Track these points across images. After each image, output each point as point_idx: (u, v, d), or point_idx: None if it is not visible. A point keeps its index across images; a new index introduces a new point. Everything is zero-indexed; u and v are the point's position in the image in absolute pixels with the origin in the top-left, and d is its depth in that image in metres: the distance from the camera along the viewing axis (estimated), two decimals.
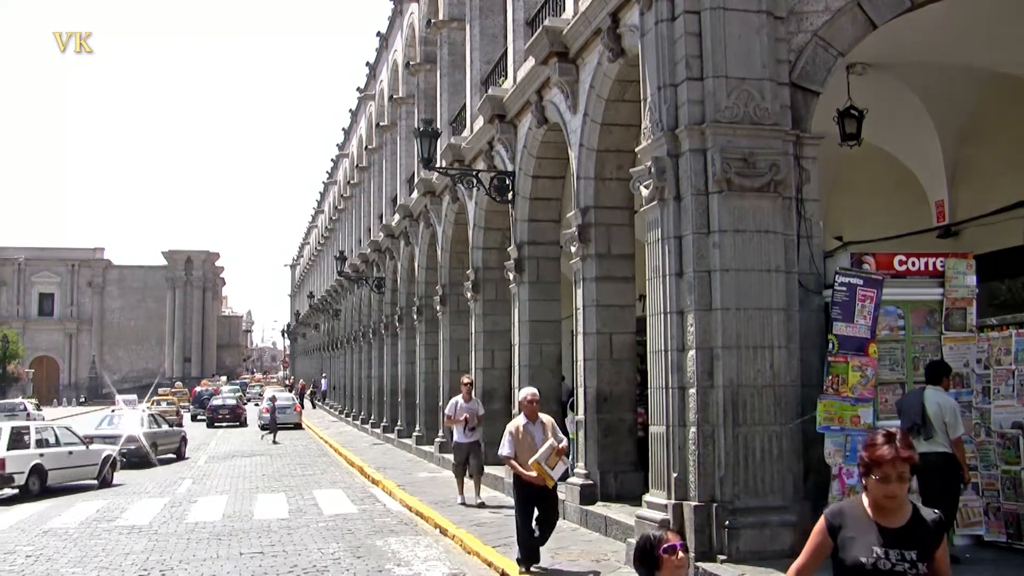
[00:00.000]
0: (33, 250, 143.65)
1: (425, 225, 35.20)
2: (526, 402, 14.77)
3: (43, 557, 17.23)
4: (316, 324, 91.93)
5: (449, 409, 23.30)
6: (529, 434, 14.34)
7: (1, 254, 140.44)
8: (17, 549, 18.15)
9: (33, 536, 19.71)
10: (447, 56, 32.53)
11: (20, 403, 67.43)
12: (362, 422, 52.22)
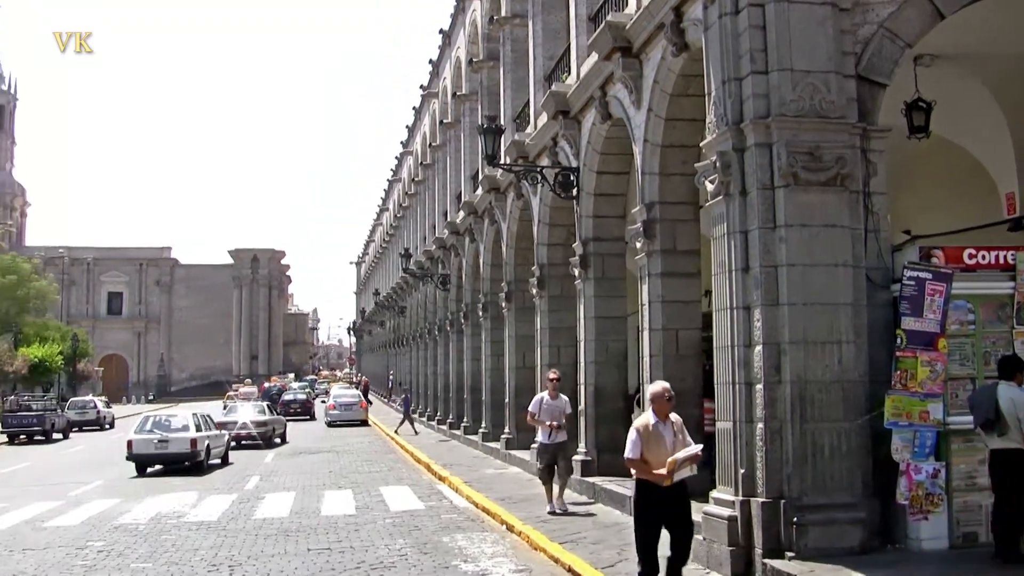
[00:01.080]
0: (102, 250, 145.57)
1: (490, 222, 35.22)
2: (661, 398, 12.48)
3: (114, 552, 17.46)
4: (382, 321, 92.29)
5: (533, 407, 20.92)
6: (659, 434, 12.27)
7: (71, 254, 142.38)
8: (89, 544, 18.41)
9: (104, 532, 19.97)
10: (510, 52, 32.53)
11: (90, 400, 68.30)
12: (428, 419, 52.37)
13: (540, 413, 20.55)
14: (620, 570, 14.15)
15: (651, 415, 12.37)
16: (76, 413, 62.66)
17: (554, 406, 20.61)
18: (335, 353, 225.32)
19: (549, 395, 20.76)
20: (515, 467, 29.09)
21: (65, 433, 56.59)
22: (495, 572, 14.83)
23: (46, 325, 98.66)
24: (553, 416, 20.42)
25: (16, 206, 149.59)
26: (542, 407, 20.61)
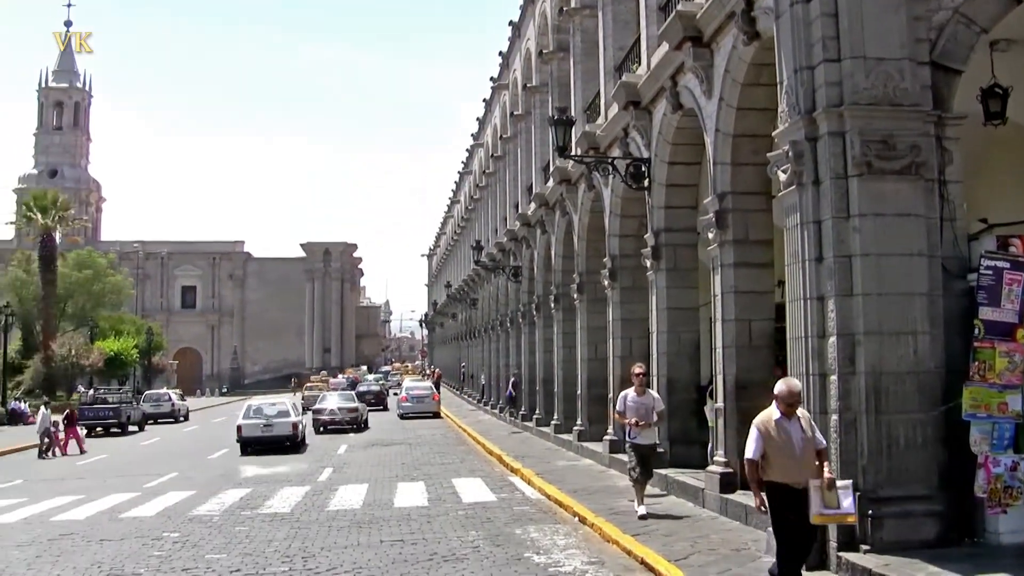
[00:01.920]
0: (176, 244, 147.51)
1: (561, 213, 35.20)
2: (788, 393, 11.57)
3: (189, 543, 17.69)
4: (453, 313, 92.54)
5: (619, 404, 19.18)
6: (784, 432, 11.41)
7: (145, 248, 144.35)
8: (164, 535, 18.67)
9: (179, 523, 20.24)
10: (580, 44, 32.45)
11: (165, 393, 69.18)
12: (500, 411, 52.42)
13: (626, 411, 18.79)
14: (693, 563, 14.09)
15: (775, 410, 11.64)
16: (151, 406, 63.52)
17: (641, 403, 18.77)
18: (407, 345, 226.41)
19: (635, 391, 18.94)
20: (587, 459, 29.06)
21: (140, 425, 57.43)
22: (567, 564, 14.83)
23: (121, 319, 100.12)
24: (639, 414, 18.57)
25: (92, 202, 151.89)
26: (627, 404, 18.84)
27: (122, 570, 15.54)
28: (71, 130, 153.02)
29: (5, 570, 16.04)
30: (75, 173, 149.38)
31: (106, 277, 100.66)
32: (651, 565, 14.14)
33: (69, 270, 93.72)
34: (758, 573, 13.22)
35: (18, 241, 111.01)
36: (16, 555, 17.39)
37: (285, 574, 14.81)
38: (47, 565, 16.25)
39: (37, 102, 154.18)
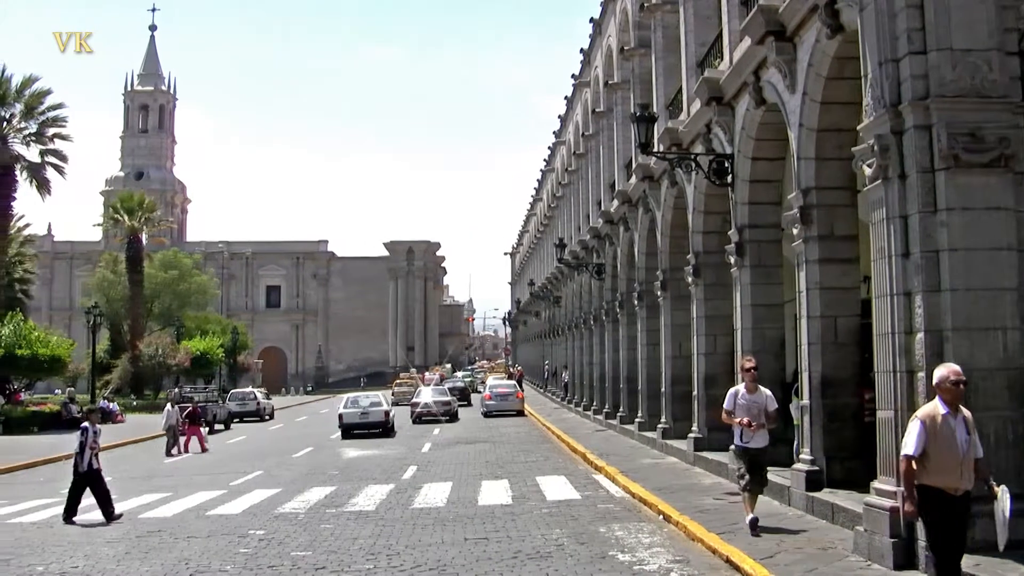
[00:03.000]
0: (260, 244, 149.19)
1: (644, 210, 35.08)
2: (948, 383, 10.64)
3: (275, 541, 17.87)
4: (537, 311, 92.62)
5: (727, 403, 17.44)
6: (949, 430, 10.46)
7: (230, 249, 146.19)
8: (250, 533, 18.89)
9: (265, 520, 20.47)
10: (661, 39, 32.31)
11: (251, 392, 70.03)
12: (584, 408, 52.40)
13: (736, 410, 17.15)
14: (779, 561, 13.97)
15: (939, 404, 10.62)
16: (237, 404, 64.28)
17: (752, 402, 17.11)
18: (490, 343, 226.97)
19: (746, 388, 17.29)
20: (672, 457, 28.95)
21: (226, 424, 58.17)
22: (652, 562, 14.78)
23: (207, 318, 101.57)
24: (751, 414, 16.95)
25: (177, 203, 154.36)
26: (737, 402, 17.19)
27: (208, 567, 15.75)
28: (156, 132, 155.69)
29: (95, 566, 16.33)
30: (160, 175, 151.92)
31: (192, 277, 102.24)
32: (736, 564, 14.06)
33: (155, 271, 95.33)
34: (845, 573, 13.09)
35: (106, 243, 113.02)
36: (106, 551, 17.70)
37: (370, 572, 14.91)
38: (135, 562, 16.52)
39: (123, 105, 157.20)
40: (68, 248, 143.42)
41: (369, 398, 49.58)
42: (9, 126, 64.16)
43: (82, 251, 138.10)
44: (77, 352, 70.45)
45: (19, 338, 58.46)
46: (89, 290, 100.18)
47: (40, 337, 60.96)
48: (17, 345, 57.90)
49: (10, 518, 23.09)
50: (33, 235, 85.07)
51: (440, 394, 58.69)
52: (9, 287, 69.86)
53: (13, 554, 17.83)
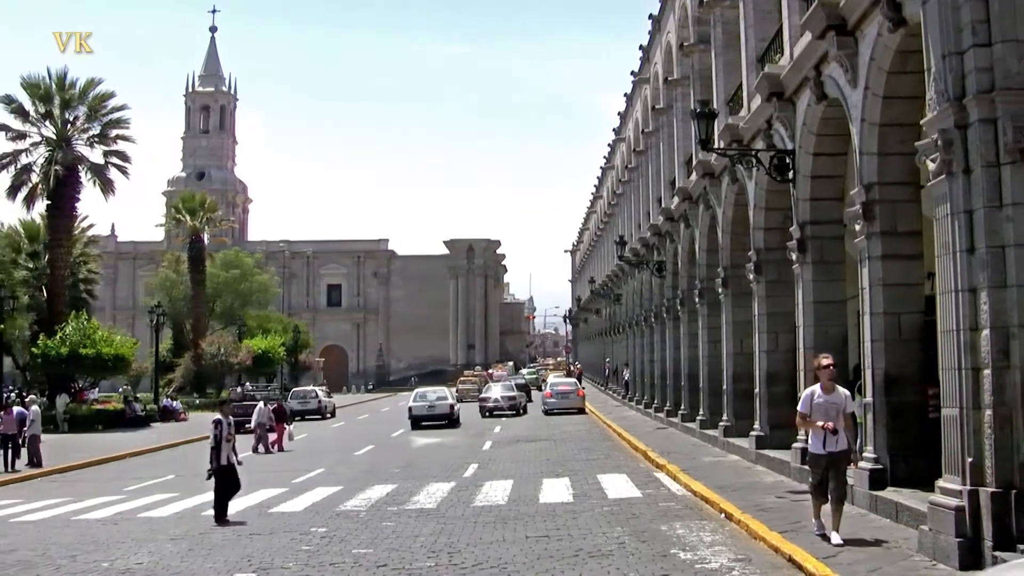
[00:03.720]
0: (321, 243, 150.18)
1: (704, 207, 34.92)
2: None
3: (336, 538, 17.98)
4: (597, 309, 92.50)
5: (803, 405, 16.01)
6: None
7: (291, 248, 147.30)
8: (312, 530, 19.04)
9: (327, 518, 20.61)
10: (721, 35, 32.14)
11: (312, 390, 70.46)
12: (645, 406, 52.30)
13: (812, 412, 15.72)
14: (842, 560, 13.84)
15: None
16: (298, 403, 64.64)
17: (830, 403, 15.63)
18: (551, 341, 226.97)
19: (822, 388, 15.81)
20: (733, 455, 28.81)
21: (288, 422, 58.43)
22: (713, 561, 14.71)
23: (268, 317, 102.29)
24: (829, 416, 15.50)
25: (238, 203, 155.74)
26: (814, 403, 15.73)
27: (271, 563, 15.87)
28: (217, 133, 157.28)
29: (159, 563, 16.53)
30: (222, 175, 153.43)
31: (253, 276, 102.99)
32: (799, 563, 13.94)
33: (217, 270, 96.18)
34: (909, 573, 12.94)
35: (168, 243, 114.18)
36: (170, 548, 17.90)
37: (431, 569, 14.97)
38: (199, 559, 16.69)
39: (184, 106, 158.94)
40: (131, 248, 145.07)
41: (436, 393, 55.38)
42: (73, 128, 65.02)
43: (145, 251, 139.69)
44: (140, 351, 71.19)
45: (83, 337, 59.18)
46: (152, 290, 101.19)
47: (104, 336, 61.67)
48: (82, 344, 58.63)
49: (76, 515, 23.40)
50: (97, 236, 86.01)
51: (508, 389, 62.02)
52: (74, 287, 70.67)
53: (79, 550, 18.09)
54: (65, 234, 65.69)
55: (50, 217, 66.10)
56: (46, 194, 64.32)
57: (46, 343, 59.13)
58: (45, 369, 61.28)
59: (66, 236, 65.91)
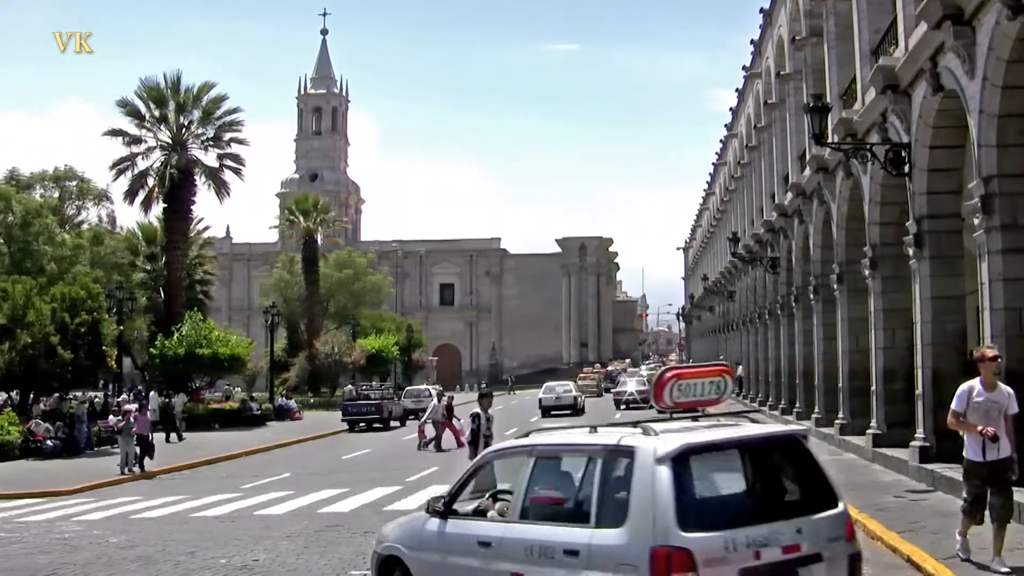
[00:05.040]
0: (433, 242, 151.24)
1: (818, 203, 34.49)
2: None
3: None
4: (710, 306, 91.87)
5: (957, 403, 13.31)
6: None
7: (403, 248, 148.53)
8: None
9: None
10: (833, 28, 31.71)
11: (425, 389, 70.82)
12: (759, 404, 51.79)
13: (968, 411, 13.18)
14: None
15: None
16: (412, 401, 65.04)
17: (991, 402, 13.10)
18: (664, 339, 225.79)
19: (983, 383, 13.17)
20: (849, 453, 28.42)
21: (402, 421, 59.07)
22: None
23: (381, 317, 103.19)
24: (990, 418, 12.97)
25: (351, 203, 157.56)
26: (971, 402, 13.18)
27: None
28: (329, 135, 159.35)
29: (276, 559, 16.79)
30: (334, 176, 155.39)
31: (366, 276, 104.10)
32: (918, 563, 13.71)
33: (330, 270, 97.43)
34: None
35: (282, 244, 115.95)
36: (285, 545, 18.17)
37: None
38: (315, 556, 16.91)
39: (297, 109, 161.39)
40: (246, 250, 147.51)
41: (562, 386, 68.07)
42: (188, 132, 66.32)
43: (259, 252, 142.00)
44: (255, 351, 72.34)
45: (200, 337, 60.30)
46: (266, 290, 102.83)
47: (220, 336, 62.78)
48: (198, 344, 59.75)
49: (194, 512, 23.87)
50: (212, 237, 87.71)
51: (640, 384, 68.78)
52: (190, 288, 72.14)
53: (197, 547, 18.45)
54: (181, 236, 67.06)
55: (166, 220, 67.53)
56: (162, 197, 65.72)
57: (163, 343, 60.43)
58: (163, 369, 62.57)
59: (182, 238, 67.29)
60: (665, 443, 8.93)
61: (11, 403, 49.39)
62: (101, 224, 75.35)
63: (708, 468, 9.51)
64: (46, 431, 42.09)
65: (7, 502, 27.95)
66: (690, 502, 8.73)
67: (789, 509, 9.42)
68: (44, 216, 65.72)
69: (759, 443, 9.82)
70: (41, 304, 45.23)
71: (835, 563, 9.19)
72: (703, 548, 8.42)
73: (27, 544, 20.05)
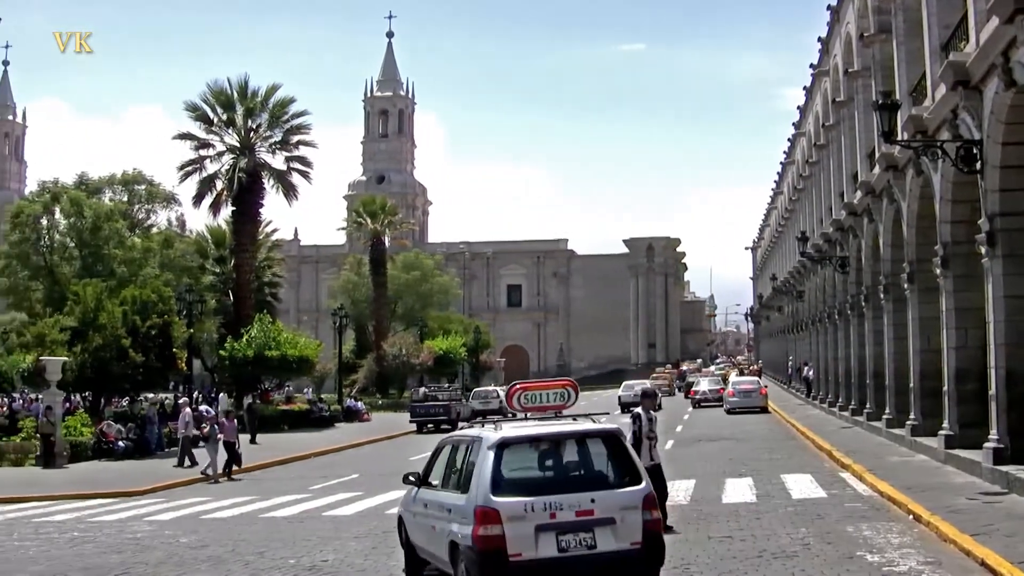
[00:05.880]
0: (500, 244, 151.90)
1: (888, 201, 34.13)
2: None
3: None
4: (779, 306, 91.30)
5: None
6: None
7: (471, 249, 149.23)
8: None
9: None
10: (902, 24, 31.36)
11: (493, 390, 70.94)
12: (829, 405, 51.47)
13: None
14: None
15: None
16: (479, 403, 65.09)
17: None
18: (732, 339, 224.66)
19: None
20: (921, 455, 28.10)
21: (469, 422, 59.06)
22: (902, 564, 14.37)
23: (449, 318, 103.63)
24: None
25: (418, 205, 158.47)
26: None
27: None
28: (396, 137, 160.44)
29: (344, 560, 16.93)
30: (401, 178, 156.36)
31: (433, 278, 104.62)
32: (992, 567, 13.50)
33: (398, 272, 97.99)
34: None
35: (349, 246, 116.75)
36: (354, 546, 18.30)
37: None
38: (383, 557, 17.02)
39: (363, 111, 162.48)
40: (313, 252, 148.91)
41: (640, 384, 60.25)
42: (255, 135, 66.78)
43: (327, 254, 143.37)
44: (324, 353, 72.78)
45: (269, 339, 60.75)
46: (334, 292, 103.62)
47: (289, 338, 63.22)
48: (267, 346, 60.20)
49: (263, 512, 24.10)
50: (280, 240, 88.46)
51: (714, 383, 71.43)
52: (259, 290, 72.72)
53: (266, 547, 18.63)
54: (250, 239, 67.58)
55: (235, 223, 68.13)
56: (230, 200, 66.24)
57: (233, 345, 60.97)
58: (232, 371, 63.14)
59: (251, 241, 67.81)
60: (492, 435, 12.90)
61: (84, 405, 50.06)
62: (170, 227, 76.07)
63: (527, 452, 13.19)
64: (118, 432, 42.65)
65: (81, 502, 28.35)
66: (501, 476, 12.47)
67: (588, 484, 12.83)
68: (114, 220, 66.47)
69: (575, 436, 13.43)
70: (112, 307, 45.91)
71: (628, 525, 12.38)
72: (507, 508, 12.12)
73: (100, 543, 20.33)
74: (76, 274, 61.46)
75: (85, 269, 62.94)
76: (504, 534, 12.04)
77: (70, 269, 64.42)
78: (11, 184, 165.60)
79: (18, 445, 40.37)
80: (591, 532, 12.25)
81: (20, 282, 67.26)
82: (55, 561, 18.32)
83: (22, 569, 17.64)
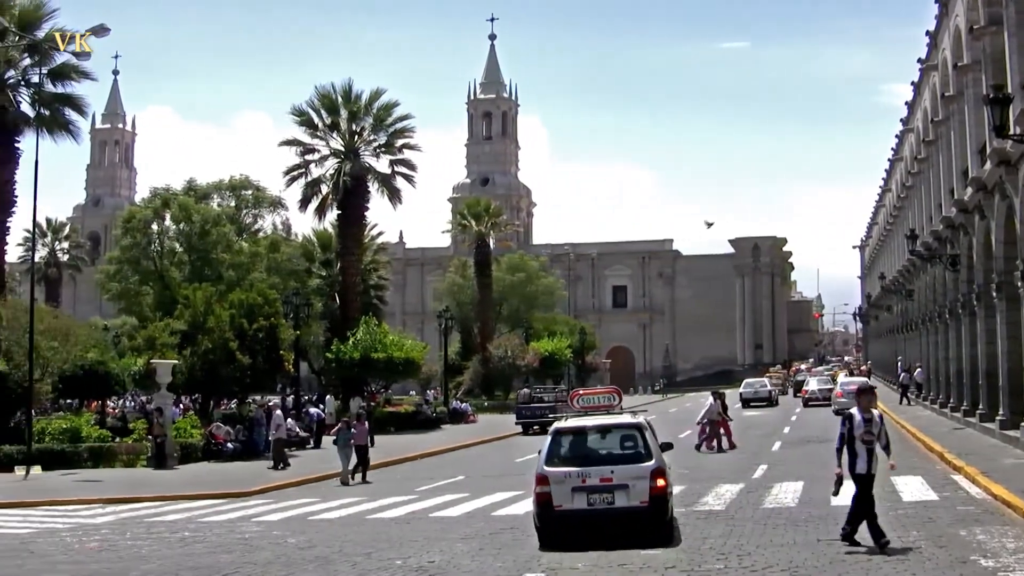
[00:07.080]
0: (604, 245, 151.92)
1: (1000, 197, 33.44)
2: None
3: None
4: (888, 306, 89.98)
5: None
6: None
7: (575, 250, 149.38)
8: None
9: None
10: (1014, 15, 30.66)
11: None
12: (939, 406, 50.63)
13: None
14: None
15: None
16: None
17: None
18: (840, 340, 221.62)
19: None
20: None
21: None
22: (1018, 569, 14.09)
23: (554, 319, 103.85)
24: None
25: (522, 207, 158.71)
26: None
27: (560, 564, 16.09)
28: (499, 139, 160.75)
29: (451, 561, 16.97)
30: (505, 180, 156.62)
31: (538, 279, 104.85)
32: None
33: (503, 274, 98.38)
34: None
35: (454, 248, 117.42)
36: (461, 547, 18.34)
37: (720, 571, 14.96)
38: (489, 558, 17.05)
39: (467, 114, 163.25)
40: (419, 255, 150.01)
41: (759, 382, 78.89)
42: (360, 139, 67.47)
43: (432, 257, 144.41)
44: (429, 355, 73.26)
45: (375, 342, 61.29)
46: (439, 294, 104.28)
47: (394, 340, 63.75)
48: (373, 349, 60.75)
49: (370, 514, 24.26)
50: (386, 243, 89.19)
51: (824, 383, 72.98)
52: (364, 293, 73.38)
53: (373, 548, 18.76)
54: (355, 243, 68.29)
55: (340, 227, 68.97)
56: (336, 204, 67.03)
57: (339, 348, 61.67)
58: (338, 373, 63.86)
59: (356, 245, 68.52)
60: (554, 425, 19.18)
61: (194, 407, 50.89)
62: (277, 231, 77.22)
63: (576, 438, 18.70)
64: (226, 434, 43.26)
65: (191, 502, 28.76)
66: (554, 453, 18.05)
67: (612, 460, 18.09)
68: (222, 225, 67.58)
69: (610, 427, 18.89)
70: (221, 311, 46.65)
71: (638, 490, 17.12)
72: (553, 475, 17.50)
73: (210, 543, 20.60)
74: (185, 278, 62.68)
75: (194, 273, 64.17)
76: (551, 492, 17.30)
77: (180, 273, 65.75)
78: (122, 191, 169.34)
79: (130, 446, 41.17)
80: (611, 493, 17.22)
81: (131, 287, 68.79)
82: (166, 560, 18.59)
83: (135, 568, 17.92)
